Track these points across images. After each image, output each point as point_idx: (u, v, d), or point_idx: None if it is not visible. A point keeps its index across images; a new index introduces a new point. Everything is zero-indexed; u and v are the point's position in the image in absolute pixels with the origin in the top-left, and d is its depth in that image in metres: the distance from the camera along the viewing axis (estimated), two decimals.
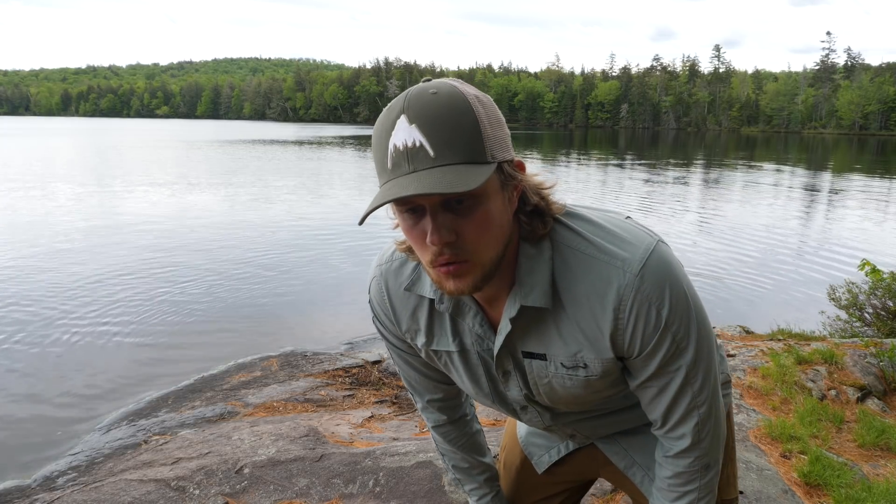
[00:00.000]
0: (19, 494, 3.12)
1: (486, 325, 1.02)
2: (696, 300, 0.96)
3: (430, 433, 1.34)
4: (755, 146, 56.91)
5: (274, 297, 7.49)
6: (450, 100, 0.81)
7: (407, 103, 0.82)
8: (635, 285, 0.90)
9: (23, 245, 9.81)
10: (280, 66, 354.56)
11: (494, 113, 0.86)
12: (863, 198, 18.57)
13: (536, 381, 1.04)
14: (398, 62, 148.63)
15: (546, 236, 0.94)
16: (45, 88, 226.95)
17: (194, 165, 26.79)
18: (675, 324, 0.93)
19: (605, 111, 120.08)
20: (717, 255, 10.00)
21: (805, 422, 3.26)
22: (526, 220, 0.93)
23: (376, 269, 1.11)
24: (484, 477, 1.36)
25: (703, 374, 1.00)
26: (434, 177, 0.79)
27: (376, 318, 1.16)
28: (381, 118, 0.85)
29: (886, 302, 5.33)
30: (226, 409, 4.18)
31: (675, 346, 0.95)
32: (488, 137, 0.83)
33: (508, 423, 1.53)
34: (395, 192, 0.79)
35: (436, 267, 0.88)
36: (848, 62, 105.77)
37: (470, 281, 0.88)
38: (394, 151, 0.82)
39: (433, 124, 0.80)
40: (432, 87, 0.83)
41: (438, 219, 0.83)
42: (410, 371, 1.22)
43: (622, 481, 1.31)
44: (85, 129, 79.50)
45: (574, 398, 1.06)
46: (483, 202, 0.84)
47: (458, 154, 0.80)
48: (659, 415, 1.05)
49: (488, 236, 0.86)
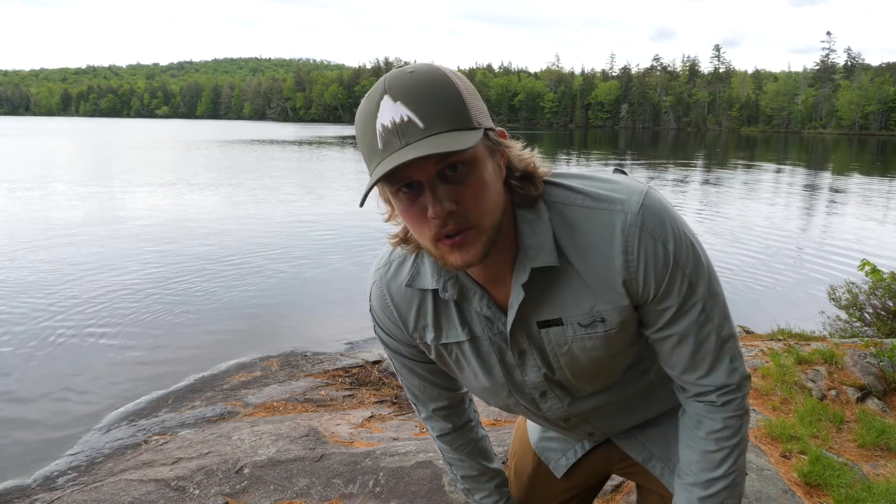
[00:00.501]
0: (19, 494, 3.12)
1: (494, 306, 1.01)
2: (695, 237, 0.98)
3: (436, 444, 1.32)
4: (755, 146, 56.91)
5: (274, 297, 7.50)
6: (429, 75, 0.83)
7: (387, 84, 0.83)
8: (638, 223, 0.92)
9: (23, 245, 9.82)
10: (280, 66, 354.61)
11: (471, 86, 0.88)
12: (863, 198, 18.57)
13: (556, 352, 1.03)
14: (398, 62, 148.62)
15: (540, 198, 0.95)
16: (45, 88, 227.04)
17: (194, 165, 26.80)
18: (683, 257, 0.94)
19: (605, 111, 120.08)
20: (717, 255, 9.99)
21: (805, 422, 3.26)
22: (518, 184, 0.94)
23: (375, 274, 1.10)
24: (494, 483, 1.34)
25: (720, 308, 0.99)
26: (429, 143, 0.79)
27: (379, 326, 1.14)
28: (362, 106, 0.86)
29: (886, 302, 5.33)
30: (226, 409, 4.18)
31: (687, 280, 0.95)
32: (471, 106, 0.85)
33: (517, 428, 1.50)
34: (394, 162, 0.79)
35: (439, 241, 0.87)
36: (848, 62, 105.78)
37: (477, 249, 0.87)
38: (382, 131, 0.82)
39: (418, 98, 0.81)
40: (408, 68, 0.85)
41: (438, 190, 0.84)
42: (414, 380, 1.20)
43: (640, 476, 1.28)
44: (85, 129, 79.53)
45: (596, 364, 1.04)
46: (477, 168, 0.85)
47: (446, 122, 0.82)
48: (687, 364, 1.02)
49: (487, 200, 0.87)
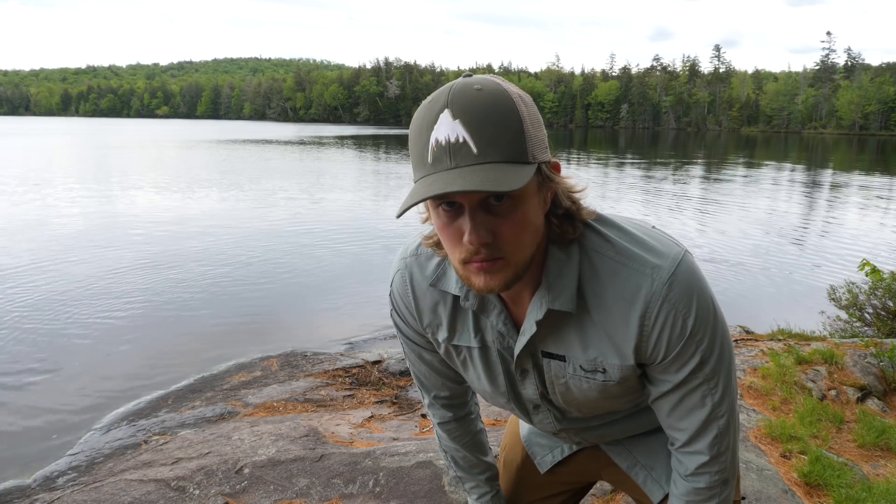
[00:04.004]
0: (19, 494, 3.12)
1: (510, 323, 1.01)
2: (719, 312, 0.96)
3: (435, 430, 1.35)
4: (755, 146, 56.89)
5: (274, 298, 7.49)
6: (494, 97, 0.81)
7: (451, 98, 0.80)
8: (663, 293, 0.90)
9: (22, 245, 9.81)
10: (280, 66, 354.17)
11: (536, 113, 0.86)
12: (863, 198, 18.57)
13: (553, 381, 1.04)
14: (398, 62, 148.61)
15: (575, 241, 0.94)
16: (45, 88, 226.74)
17: (194, 166, 26.78)
18: (700, 333, 0.93)
19: (605, 111, 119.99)
20: (717, 254, 9.99)
21: (805, 422, 3.26)
22: (557, 222, 0.92)
23: (401, 261, 1.11)
24: (485, 476, 1.37)
25: (723, 385, 0.99)
26: (478, 174, 0.77)
27: (395, 310, 1.15)
28: (421, 111, 0.84)
29: (886, 302, 5.33)
30: (226, 409, 4.17)
31: (699, 356, 0.95)
32: (530, 137, 0.82)
33: (511, 422, 1.53)
34: (439, 187, 0.78)
35: (468, 264, 0.86)
36: (848, 62, 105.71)
37: (501, 279, 0.86)
38: (435, 146, 0.80)
39: (478, 121, 0.79)
40: (476, 82, 0.82)
41: (477, 218, 0.82)
42: (422, 366, 1.22)
43: (624, 482, 1.30)
44: (85, 129, 79.43)
45: (588, 402, 1.06)
46: (522, 203, 0.83)
47: (501, 153, 0.80)
48: (676, 428, 1.04)
49: (524, 237, 0.85)
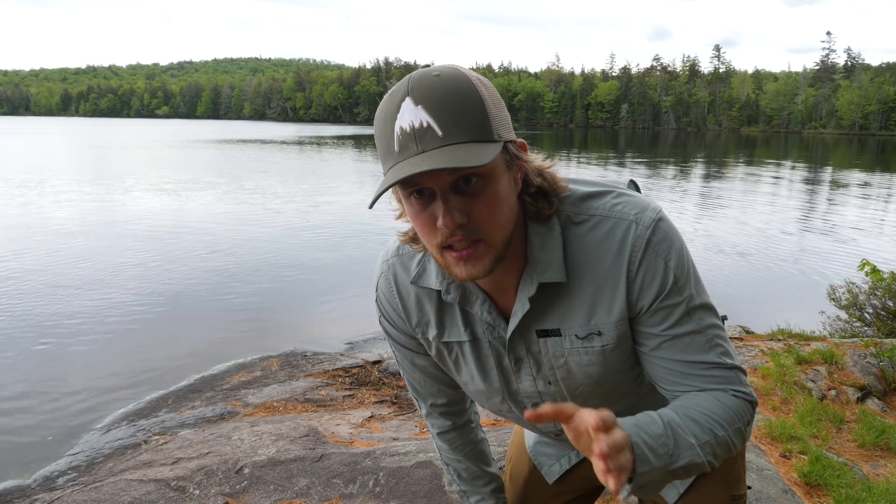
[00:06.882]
0: (19, 494, 3.12)
1: (496, 312, 1.01)
2: (694, 265, 0.99)
3: (435, 442, 1.31)
4: (755, 146, 56.90)
5: (274, 298, 7.49)
6: (454, 81, 0.81)
7: (411, 86, 0.81)
8: (647, 236, 0.92)
9: (22, 244, 9.80)
10: (280, 66, 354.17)
11: (496, 94, 0.87)
12: (863, 198, 18.57)
13: (553, 364, 1.02)
14: (398, 62, 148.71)
15: (553, 214, 0.95)
16: (44, 88, 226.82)
17: (194, 165, 26.78)
18: (683, 278, 0.95)
19: (605, 111, 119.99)
20: (717, 254, 10.00)
21: (805, 422, 3.26)
22: (531, 201, 0.93)
23: (383, 264, 1.10)
24: (490, 488, 1.33)
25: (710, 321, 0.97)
26: (444, 154, 0.78)
27: (384, 316, 1.14)
28: (383, 103, 0.84)
29: (886, 302, 5.33)
30: (226, 409, 4.17)
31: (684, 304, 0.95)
32: (493, 117, 0.83)
33: (515, 433, 1.50)
34: (407, 170, 0.78)
35: (445, 252, 0.86)
36: (848, 62, 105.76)
37: (484, 263, 0.87)
38: (400, 134, 0.81)
39: (440, 105, 0.80)
40: (434, 70, 0.83)
41: (450, 201, 0.83)
42: (415, 373, 1.20)
43: None
44: (85, 129, 79.43)
45: (590, 380, 1.03)
46: (492, 182, 0.84)
47: (466, 133, 0.80)
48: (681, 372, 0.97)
49: (499, 216, 0.86)
